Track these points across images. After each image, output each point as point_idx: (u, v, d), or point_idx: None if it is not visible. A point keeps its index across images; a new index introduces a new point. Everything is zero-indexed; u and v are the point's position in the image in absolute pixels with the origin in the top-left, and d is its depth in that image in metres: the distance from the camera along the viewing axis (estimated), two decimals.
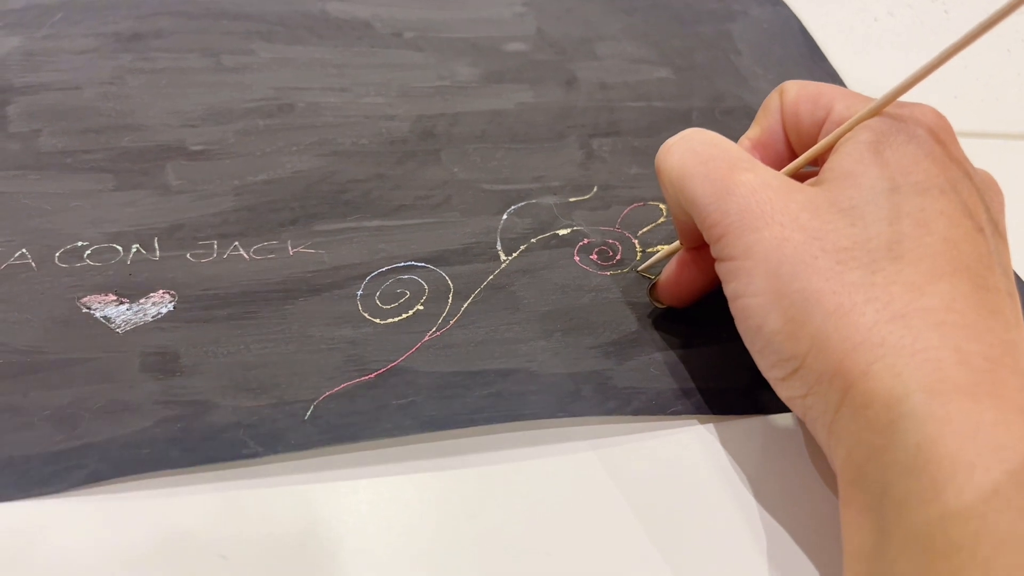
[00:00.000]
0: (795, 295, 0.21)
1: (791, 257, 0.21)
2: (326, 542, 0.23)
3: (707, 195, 0.23)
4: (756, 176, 0.23)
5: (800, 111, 0.26)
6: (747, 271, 0.22)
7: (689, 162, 0.24)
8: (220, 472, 0.24)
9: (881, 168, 0.22)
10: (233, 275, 0.29)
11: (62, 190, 0.31)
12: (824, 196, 0.22)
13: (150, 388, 0.25)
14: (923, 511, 0.18)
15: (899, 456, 0.19)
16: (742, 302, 0.23)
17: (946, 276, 0.21)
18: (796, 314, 0.21)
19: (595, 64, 0.40)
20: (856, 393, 0.20)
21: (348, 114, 0.36)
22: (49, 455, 0.24)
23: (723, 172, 0.23)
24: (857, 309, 0.20)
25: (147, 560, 0.22)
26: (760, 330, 0.22)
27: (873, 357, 0.20)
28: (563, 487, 0.25)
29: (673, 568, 0.23)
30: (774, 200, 0.22)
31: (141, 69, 0.37)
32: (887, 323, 0.20)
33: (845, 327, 0.20)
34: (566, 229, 0.32)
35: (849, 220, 0.22)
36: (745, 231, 0.22)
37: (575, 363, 0.27)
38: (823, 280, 0.21)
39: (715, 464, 0.25)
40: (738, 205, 0.22)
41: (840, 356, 0.20)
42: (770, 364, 0.23)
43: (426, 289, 0.29)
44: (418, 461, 0.25)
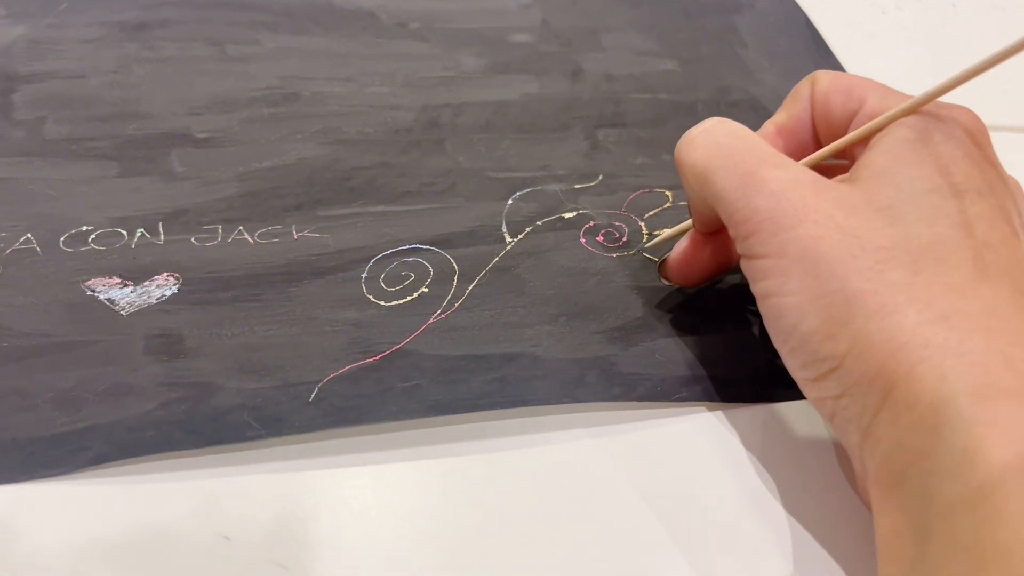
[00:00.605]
0: (835, 295, 0.21)
1: (828, 256, 0.21)
2: (329, 525, 0.23)
3: (734, 190, 0.23)
4: (787, 172, 0.22)
5: (832, 101, 0.25)
6: (781, 270, 0.21)
7: (714, 156, 0.23)
8: (224, 454, 0.24)
9: (919, 167, 0.22)
10: (237, 258, 0.29)
11: (67, 176, 0.31)
12: (860, 194, 0.22)
13: (154, 370, 0.25)
14: (969, 515, 0.18)
15: (944, 460, 0.18)
16: (775, 301, 0.22)
17: (986, 280, 0.20)
18: (836, 314, 0.21)
19: (600, 56, 0.40)
20: (899, 395, 0.19)
21: (353, 103, 0.36)
22: (53, 437, 0.24)
23: (751, 167, 0.23)
24: (900, 310, 0.20)
25: (150, 541, 0.22)
26: (795, 330, 0.21)
27: (918, 358, 0.19)
28: (567, 473, 0.24)
29: (676, 556, 0.23)
30: (807, 197, 0.22)
31: (146, 58, 0.37)
32: (931, 324, 0.20)
33: (888, 328, 0.20)
34: (572, 212, 0.32)
35: (887, 219, 0.21)
36: (778, 229, 0.21)
37: (580, 348, 0.27)
38: (863, 280, 0.20)
39: (719, 452, 0.25)
40: (769, 202, 0.22)
41: (883, 357, 0.20)
42: (802, 364, 0.22)
43: (431, 271, 0.29)
44: (422, 446, 0.25)
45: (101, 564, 0.22)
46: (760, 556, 0.23)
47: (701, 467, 0.25)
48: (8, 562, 0.22)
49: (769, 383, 0.27)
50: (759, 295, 0.23)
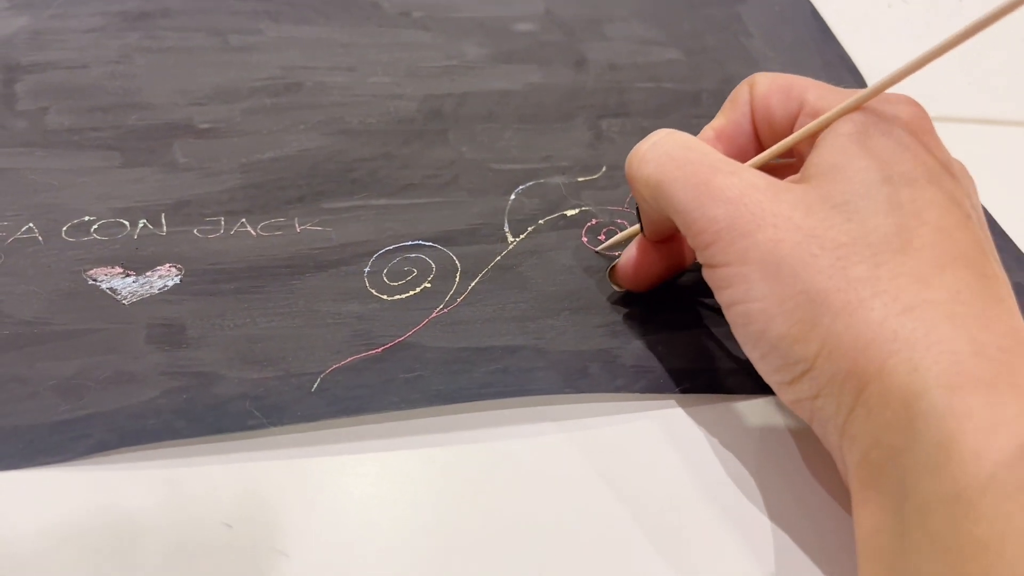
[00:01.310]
0: (799, 296, 0.20)
1: (789, 258, 0.21)
2: (331, 514, 0.23)
3: (690, 201, 0.22)
4: (741, 179, 0.22)
5: (772, 103, 0.25)
6: (744, 277, 0.21)
7: (667, 169, 0.23)
8: (225, 443, 0.24)
9: (868, 159, 0.21)
10: (240, 250, 0.29)
11: (69, 167, 0.31)
12: (814, 192, 0.22)
13: (156, 359, 0.25)
14: (946, 511, 0.17)
15: (919, 456, 0.18)
16: (741, 308, 0.22)
17: (948, 266, 0.20)
18: (803, 316, 0.20)
19: (604, 45, 0.40)
20: (872, 392, 0.19)
21: (355, 93, 0.36)
22: (55, 424, 0.24)
23: (705, 176, 0.22)
24: (865, 304, 0.20)
25: (152, 529, 0.22)
26: (764, 335, 0.21)
27: (887, 352, 0.19)
28: (568, 463, 0.24)
29: (679, 545, 0.23)
30: (764, 202, 0.22)
31: (148, 48, 0.37)
32: (898, 316, 0.19)
33: (855, 324, 0.20)
34: (574, 210, 0.31)
35: (844, 215, 0.21)
36: (737, 236, 0.21)
37: (582, 341, 0.27)
38: (826, 278, 0.20)
39: (722, 443, 0.25)
40: (726, 210, 0.22)
41: (853, 355, 0.20)
42: (774, 368, 0.22)
43: (433, 268, 0.29)
44: (423, 435, 0.25)
45: (102, 551, 0.22)
46: (760, 551, 0.23)
47: (703, 458, 0.25)
48: (9, 547, 0.22)
49: None
50: (724, 303, 0.23)
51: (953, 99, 0.39)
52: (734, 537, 0.23)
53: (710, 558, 0.23)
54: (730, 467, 0.25)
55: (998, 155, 0.37)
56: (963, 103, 0.39)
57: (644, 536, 0.23)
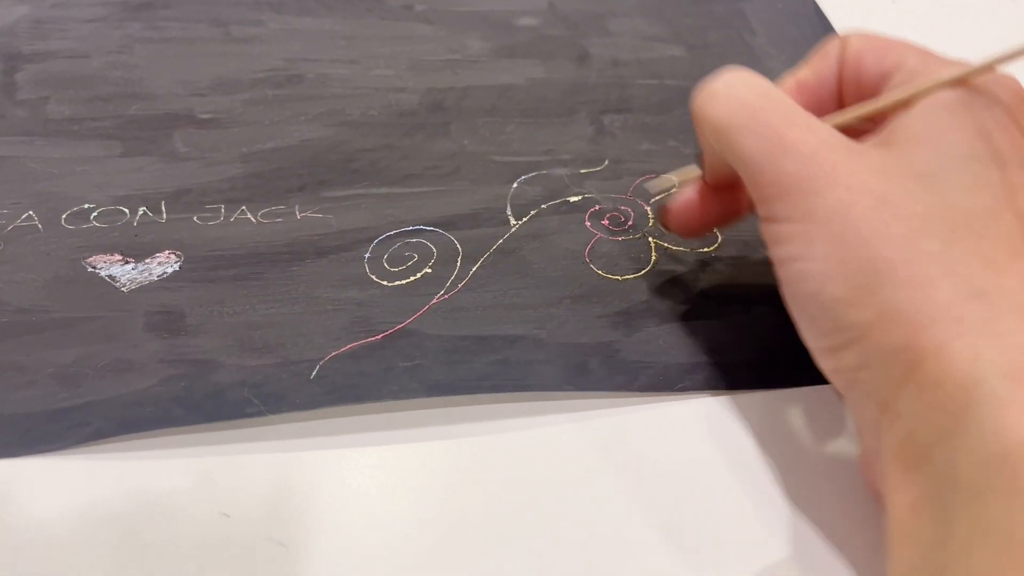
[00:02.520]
0: (863, 262, 0.20)
1: (859, 222, 0.20)
2: (328, 504, 0.23)
3: (760, 152, 0.21)
4: (817, 135, 0.21)
5: (865, 61, 0.23)
6: (806, 235, 0.20)
7: (737, 114, 0.22)
8: (224, 432, 0.24)
9: (961, 134, 0.20)
10: (240, 237, 0.29)
11: (69, 155, 0.31)
12: (896, 159, 0.21)
13: (154, 347, 0.25)
14: (1002, 503, 0.17)
15: (974, 443, 0.17)
16: (797, 266, 0.21)
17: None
18: (863, 281, 0.20)
19: (607, 40, 0.40)
20: (927, 371, 0.19)
21: (357, 85, 0.36)
22: (52, 412, 0.23)
23: (779, 128, 0.21)
24: (934, 282, 0.19)
25: (149, 517, 0.22)
26: (817, 296, 0.20)
27: (950, 335, 0.18)
28: (567, 456, 0.24)
29: (674, 542, 0.23)
30: (839, 162, 0.21)
31: (150, 38, 0.37)
32: (966, 300, 0.19)
33: (920, 300, 0.19)
34: (577, 196, 0.31)
35: (925, 186, 0.20)
36: (806, 194, 0.20)
37: (583, 333, 0.27)
38: (895, 248, 0.19)
39: (721, 437, 0.25)
40: (798, 166, 0.21)
41: (912, 330, 0.19)
42: (822, 332, 0.21)
43: (434, 252, 0.29)
44: (422, 427, 0.25)
45: (99, 540, 0.22)
46: (760, 544, 0.23)
47: (703, 452, 0.25)
48: (7, 536, 0.22)
49: (772, 369, 0.26)
50: (779, 259, 0.22)
51: None
52: (733, 532, 0.23)
53: (709, 553, 0.23)
54: (730, 462, 0.24)
55: None
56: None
57: (643, 529, 0.23)
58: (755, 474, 0.24)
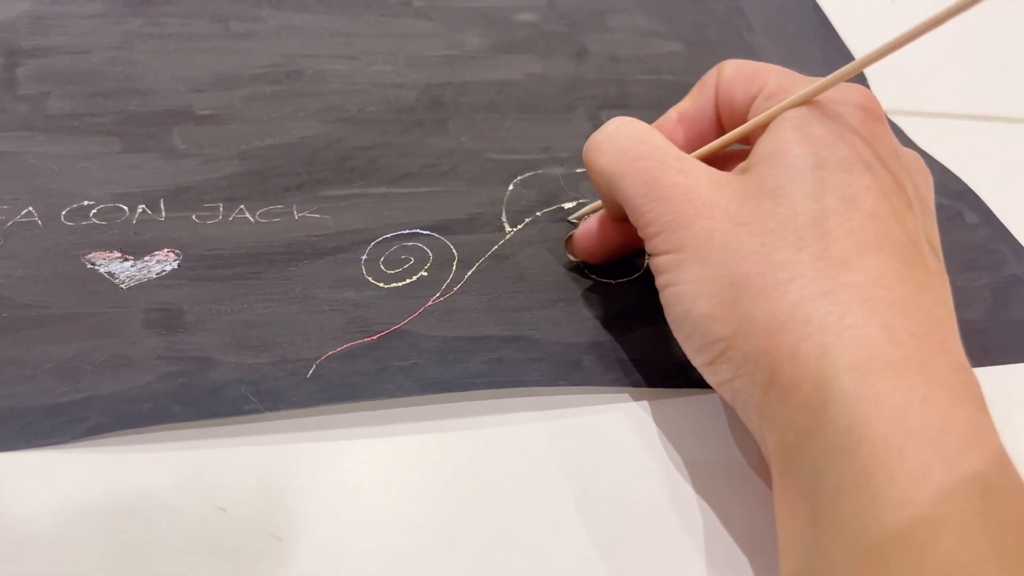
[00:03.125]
0: (723, 280, 0.21)
1: (719, 246, 0.21)
2: (324, 499, 0.23)
3: (639, 196, 0.23)
4: (686, 176, 0.23)
5: (735, 88, 0.25)
6: (678, 263, 0.22)
7: (619, 162, 0.24)
8: (221, 427, 0.24)
9: (806, 144, 0.22)
10: (238, 237, 0.29)
11: (69, 152, 0.32)
12: (751, 181, 0.22)
13: (153, 343, 0.25)
14: (855, 497, 0.17)
15: (831, 439, 0.18)
16: (672, 290, 0.23)
17: (873, 251, 0.20)
18: (724, 298, 0.21)
19: (606, 37, 0.40)
20: (784, 374, 0.20)
21: (356, 82, 0.36)
22: (51, 407, 0.24)
23: (654, 174, 0.23)
24: (782, 287, 0.20)
25: (146, 512, 0.22)
26: (688, 315, 0.22)
27: (800, 335, 0.19)
28: (562, 452, 0.24)
29: (668, 537, 0.23)
30: (703, 196, 0.22)
31: (149, 34, 0.37)
32: (813, 300, 0.20)
33: (770, 306, 0.20)
34: (572, 202, 0.32)
35: (776, 201, 0.21)
36: (677, 228, 0.22)
37: (577, 333, 0.27)
38: (750, 263, 0.21)
39: (717, 435, 0.25)
40: (670, 206, 0.23)
41: (767, 336, 0.20)
42: (697, 349, 0.22)
43: (430, 256, 0.29)
44: (417, 423, 0.25)
45: (96, 534, 0.22)
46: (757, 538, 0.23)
47: (699, 449, 0.25)
48: (4, 529, 0.22)
49: None
50: (661, 286, 0.23)
51: (951, 96, 0.39)
52: (726, 529, 0.23)
53: (703, 549, 0.23)
54: (722, 458, 0.25)
55: (996, 150, 0.37)
56: (961, 100, 0.39)
57: (637, 523, 0.23)
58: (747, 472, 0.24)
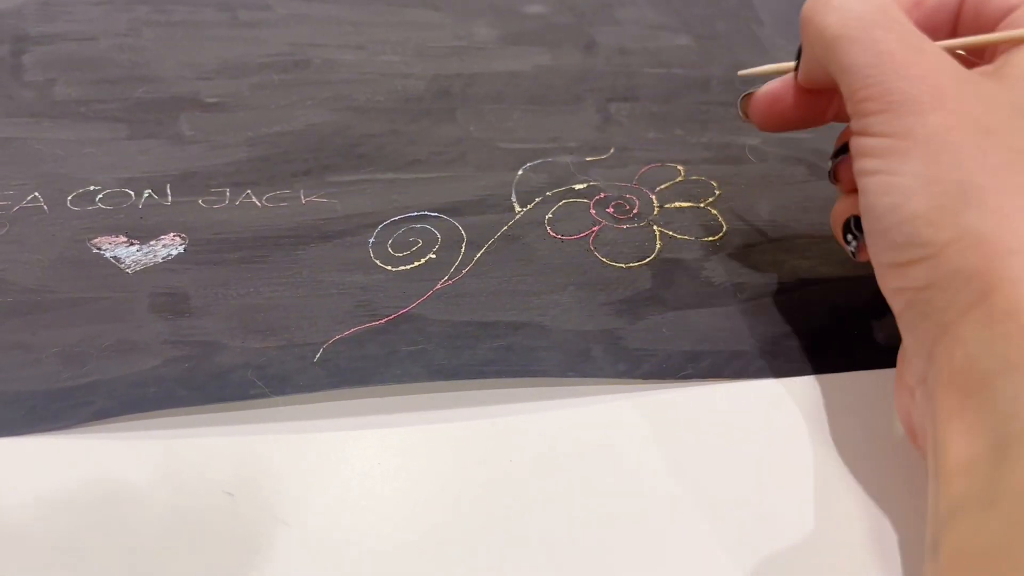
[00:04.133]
0: (953, 184, 0.19)
1: (956, 146, 0.20)
2: (332, 484, 0.23)
3: (869, 66, 0.21)
4: (927, 58, 0.21)
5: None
6: (900, 151, 0.20)
7: (851, 25, 0.22)
8: (227, 412, 0.24)
9: None
10: (245, 221, 0.29)
11: (75, 137, 0.31)
12: (1004, 93, 0.21)
13: (159, 328, 0.25)
14: None
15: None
16: (883, 178, 0.21)
17: None
18: (947, 203, 0.19)
19: (615, 29, 0.40)
20: (1000, 299, 0.18)
21: (364, 71, 0.36)
22: (57, 391, 0.24)
23: (892, 45, 0.21)
24: (1021, 215, 0.19)
25: (153, 496, 0.22)
26: (897, 209, 0.20)
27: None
28: (570, 441, 0.24)
29: (671, 526, 0.23)
30: (947, 86, 0.20)
31: (157, 22, 0.37)
32: None
33: (1004, 229, 0.19)
34: (582, 184, 0.31)
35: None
36: (909, 112, 0.20)
37: (587, 320, 0.27)
38: (989, 177, 0.19)
39: (726, 426, 0.25)
40: (905, 85, 0.21)
41: (990, 256, 0.19)
42: (894, 246, 0.21)
43: (439, 238, 0.29)
44: (426, 410, 0.25)
45: (102, 517, 0.22)
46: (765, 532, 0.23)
47: (704, 439, 0.25)
48: (10, 514, 0.22)
49: (777, 358, 0.26)
50: (864, 171, 0.21)
51: None
52: (734, 522, 0.23)
53: (707, 542, 0.23)
54: (732, 450, 0.24)
55: None
56: None
57: (644, 513, 0.23)
58: (756, 461, 0.24)
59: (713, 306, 0.28)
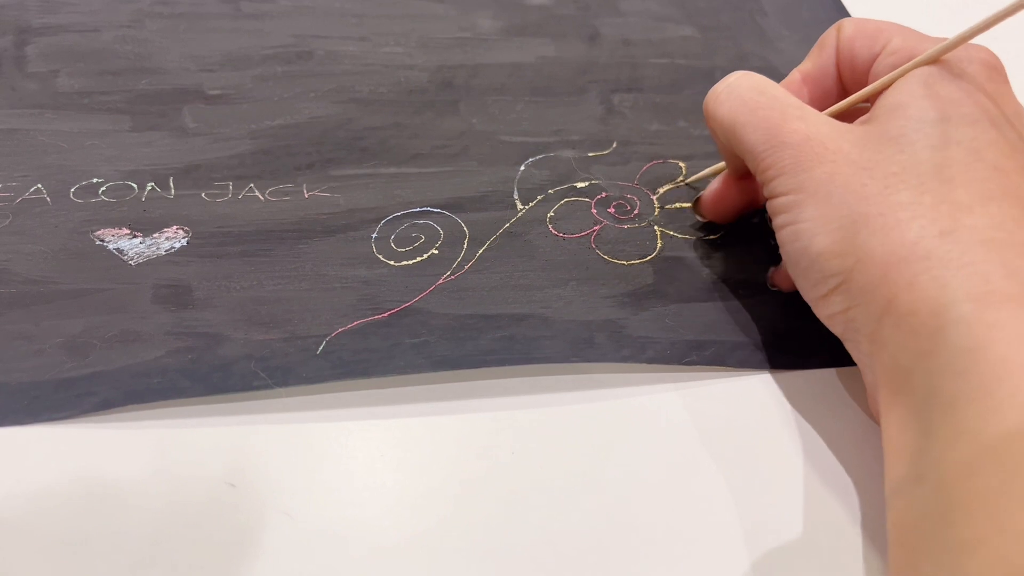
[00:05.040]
0: (843, 218, 0.22)
1: (841, 187, 0.22)
2: (335, 476, 0.23)
3: (759, 143, 0.24)
4: (807, 125, 0.24)
5: (856, 47, 0.26)
6: (799, 203, 0.23)
7: (740, 112, 0.25)
8: (230, 404, 0.24)
9: (932, 100, 0.23)
10: (248, 214, 0.29)
11: (78, 129, 0.31)
12: (874, 130, 0.23)
13: (162, 319, 0.25)
14: (975, 407, 0.18)
15: (947, 359, 0.19)
16: (791, 228, 0.24)
17: (995, 199, 0.21)
18: (843, 234, 0.22)
19: (619, 20, 0.39)
20: (901, 302, 0.21)
21: (367, 63, 0.36)
22: (60, 382, 0.24)
23: (775, 121, 0.24)
24: (902, 225, 0.21)
25: (156, 487, 0.22)
26: (807, 250, 0.23)
27: (919, 269, 0.20)
28: (573, 432, 0.24)
29: (672, 517, 0.23)
30: (826, 143, 0.23)
31: (160, 13, 0.37)
32: (933, 238, 0.21)
33: (891, 242, 0.21)
34: (584, 182, 0.31)
35: (898, 147, 0.22)
36: (799, 171, 0.23)
37: (589, 311, 0.27)
38: (871, 204, 0.22)
39: (727, 417, 0.25)
40: (791, 152, 0.23)
41: (884, 268, 0.21)
42: (813, 282, 0.23)
43: (441, 234, 0.29)
44: (429, 402, 0.25)
45: (104, 507, 0.22)
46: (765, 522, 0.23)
47: (707, 431, 0.25)
48: (13, 503, 0.22)
49: (774, 351, 0.26)
50: (779, 226, 0.24)
51: None
52: (733, 512, 0.23)
53: (709, 532, 0.23)
54: (733, 441, 0.24)
55: None
56: None
57: (645, 508, 0.23)
58: (760, 454, 0.24)
59: (715, 300, 0.28)
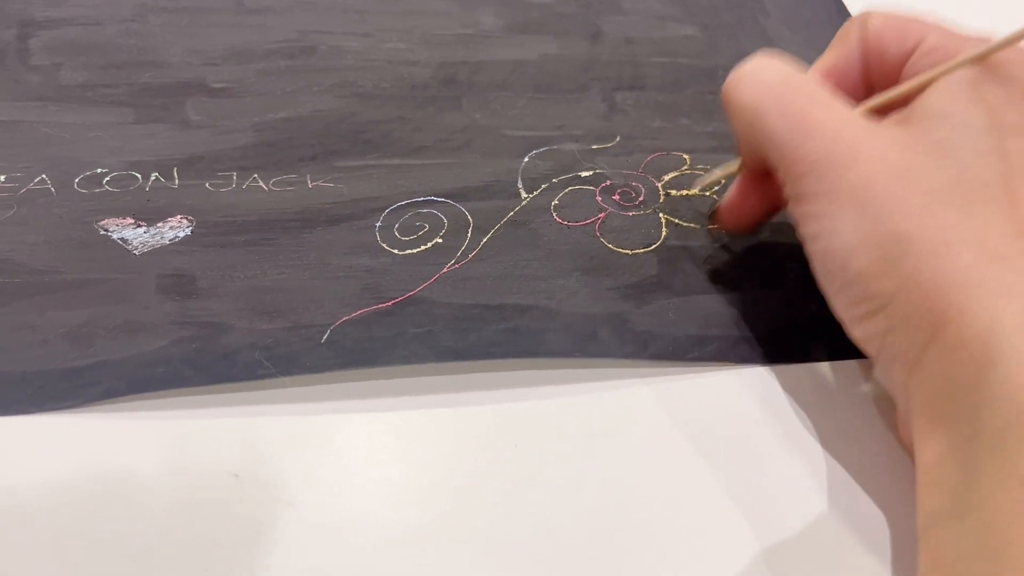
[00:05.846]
0: (885, 236, 0.20)
1: (879, 196, 0.21)
2: (338, 467, 0.23)
3: (785, 132, 0.22)
4: (838, 115, 0.22)
5: (886, 42, 0.24)
6: (831, 211, 0.21)
7: (763, 96, 0.23)
8: (234, 394, 0.24)
9: (977, 107, 0.21)
10: (251, 204, 0.29)
11: (82, 121, 0.31)
12: (914, 134, 0.21)
13: (166, 309, 0.25)
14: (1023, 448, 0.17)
15: (997, 393, 0.18)
16: (824, 243, 0.22)
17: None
18: (886, 254, 0.20)
19: (621, 19, 0.40)
20: (949, 332, 0.19)
21: (370, 58, 0.36)
22: (64, 371, 0.24)
23: (802, 108, 0.22)
24: (952, 251, 0.20)
25: (158, 477, 0.22)
26: (844, 270, 0.21)
27: (970, 298, 0.19)
28: (577, 424, 0.24)
29: (674, 513, 0.23)
30: (860, 139, 0.21)
31: (163, 7, 0.37)
32: (984, 265, 0.19)
33: (940, 268, 0.20)
34: (588, 171, 0.31)
35: (940, 159, 0.21)
36: (829, 170, 0.21)
37: (594, 303, 0.27)
38: (914, 220, 0.20)
39: (731, 411, 0.25)
40: (820, 144, 0.21)
41: (934, 296, 0.20)
42: (850, 303, 0.22)
43: (445, 223, 0.29)
44: (432, 394, 0.25)
45: (109, 498, 0.22)
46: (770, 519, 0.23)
47: (711, 426, 0.25)
48: (16, 493, 0.22)
49: (783, 345, 0.26)
50: (808, 236, 0.22)
51: None
52: (739, 508, 0.23)
53: (712, 524, 0.23)
54: (739, 436, 0.25)
55: None
56: None
57: (649, 501, 0.23)
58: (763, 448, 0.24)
59: (719, 293, 0.28)
